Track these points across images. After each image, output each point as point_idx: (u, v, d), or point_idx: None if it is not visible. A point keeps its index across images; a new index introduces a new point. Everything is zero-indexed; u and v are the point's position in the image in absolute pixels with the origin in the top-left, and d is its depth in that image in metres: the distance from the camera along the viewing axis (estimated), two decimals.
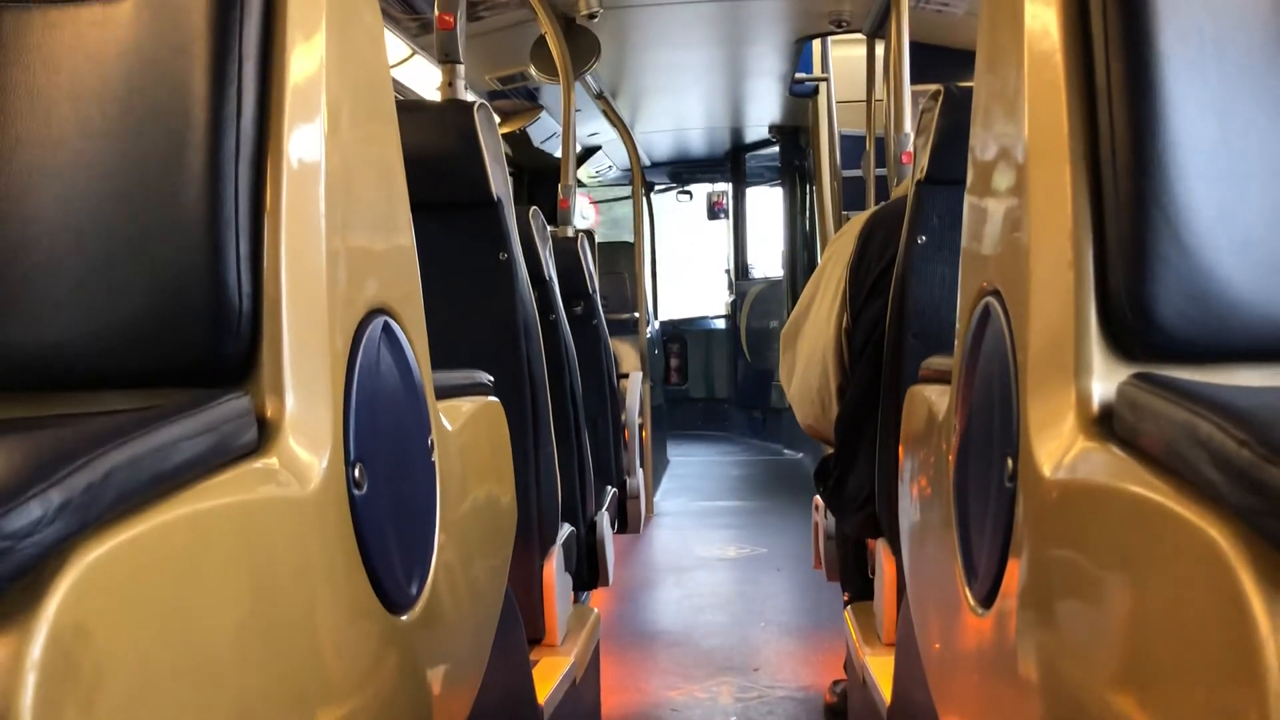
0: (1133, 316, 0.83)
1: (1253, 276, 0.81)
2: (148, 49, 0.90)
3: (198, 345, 0.88)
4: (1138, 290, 0.82)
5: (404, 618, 1.06)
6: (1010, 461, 0.94)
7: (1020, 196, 0.96)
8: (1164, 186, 0.82)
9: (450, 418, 1.27)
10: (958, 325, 1.17)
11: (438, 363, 1.24)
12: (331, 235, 0.96)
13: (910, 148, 2.62)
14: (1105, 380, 0.84)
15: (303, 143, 0.93)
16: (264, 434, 0.87)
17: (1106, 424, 0.83)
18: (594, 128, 6.06)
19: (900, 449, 1.53)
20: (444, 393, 1.29)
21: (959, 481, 1.13)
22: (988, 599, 1.00)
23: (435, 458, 1.17)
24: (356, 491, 0.95)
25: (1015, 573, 0.93)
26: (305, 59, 0.95)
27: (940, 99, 1.94)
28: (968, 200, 1.14)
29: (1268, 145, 0.83)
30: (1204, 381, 0.77)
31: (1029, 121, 0.94)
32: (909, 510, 1.45)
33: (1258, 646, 0.56)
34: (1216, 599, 0.60)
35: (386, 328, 1.07)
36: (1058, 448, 0.85)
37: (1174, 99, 0.83)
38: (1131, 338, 0.84)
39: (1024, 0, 0.95)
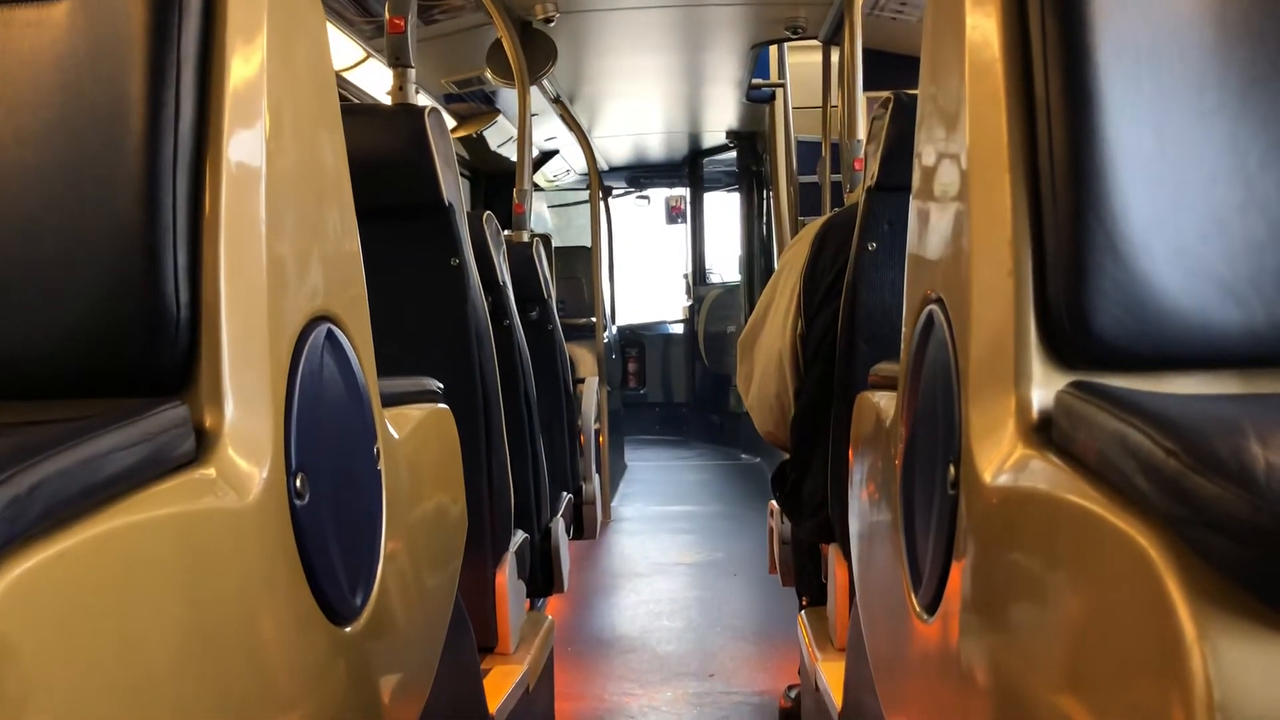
0: (1070, 325, 0.84)
1: (1186, 285, 0.82)
2: (84, 52, 0.88)
3: (134, 354, 0.86)
4: (1075, 299, 0.83)
5: (349, 629, 1.05)
6: (952, 468, 0.94)
7: (962, 205, 0.97)
8: (1101, 197, 0.83)
9: (397, 425, 1.26)
10: (903, 332, 1.18)
11: (388, 370, 1.23)
12: (273, 241, 0.95)
13: (862, 154, 2.64)
14: (1044, 388, 0.85)
15: (243, 148, 0.92)
16: (202, 444, 0.86)
17: (1045, 431, 0.84)
18: (551, 132, 6.05)
19: (850, 455, 1.54)
20: (391, 400, 1.28)
21: (905, 488, 1.14)
22: (932, 605, 1.01)
23: (381, 466, 1.16)
24: (298, 501, 0.94)
25: (958, 579, 0.94)
26: (246, 63, 0.93)
27: (890, 106, 1.95)
28: (913, 208, 1.15)
29: (1201, 156, 0.84)
30: (1137, 390, 0.78)
31: (970, 131, 0.95)
32: (858, 516, 1.46)
33: (1184, 651, 0.57)
34: (1146, 606, 0.61)
35: (330, 335, 1.05)
36: (998, 455, 0.86)
37: (1111, 110, 0.84)
38: (1069, 346, 0.85)
39: (965, 11, 0.96)
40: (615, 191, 8.41)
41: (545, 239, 4.42)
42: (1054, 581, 0.75)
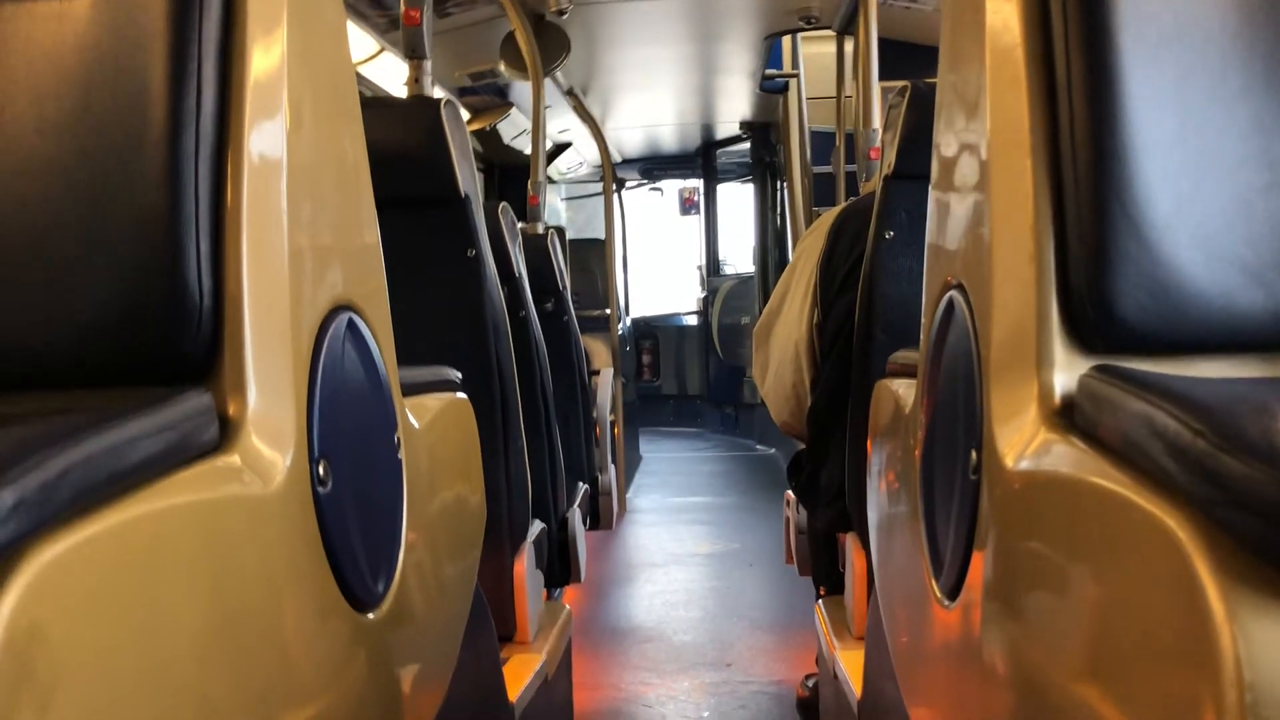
0: (1093, 309, 0.83)
1: (1209, 269, 0.82)
2: (105, 44, 0.89)
3: (158, 343, 0.87)
4: (1098, 283, 0.83)
5: (371, 616, 1.05)
6: (974, 454, 0.94)
7: (982, 192, 0.96)
8: (1123, 181, 0.83)
9: (417, 414, 1.26)
10: (923, 319, 1.17)
11: (406, 360, 1.23)
12: (294, 232, 0.95)
13: (878, 144, 2.64)
14: (1067, 372, 0.85)
15: (264, 139, 0.93)
16: (226, 432, 0.86)
17: (1068, 416, 0.83)
18: (565, 124, 6.05)
19: (868, 443, 1.54)
20: (411, 389, 1.29)
21: (925, 475, 1.14)
22: (953, 591, 1.01)
23: (402, 455, 1.16)
24: (320, 489, 0.95)
25: (980, 565, 0.94)
26: (266, 55, 0.94)
27: (907, 95, 1.95)
28: (932, 195, 1.15)
29: (1224, 140, 0.84)
30: (1161, 373, 0.78)
31: (990, 117, 0.95)
32: (877, 504, 1.46)
33: (1213, 634, 0.57)
34: (1174, 588, 0.60)
35: (351, 324, 1.06)
36: (1020, 440, 0.86)
37: (1133, 95, 0.84)
38: (1092, 330, 0.85)
39: None
40: (629, 183, 8.40)
41: (560, 231, 4.42)
42: (1079, 565, 0.75)
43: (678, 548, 4.72)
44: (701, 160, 8.12)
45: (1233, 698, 0.55)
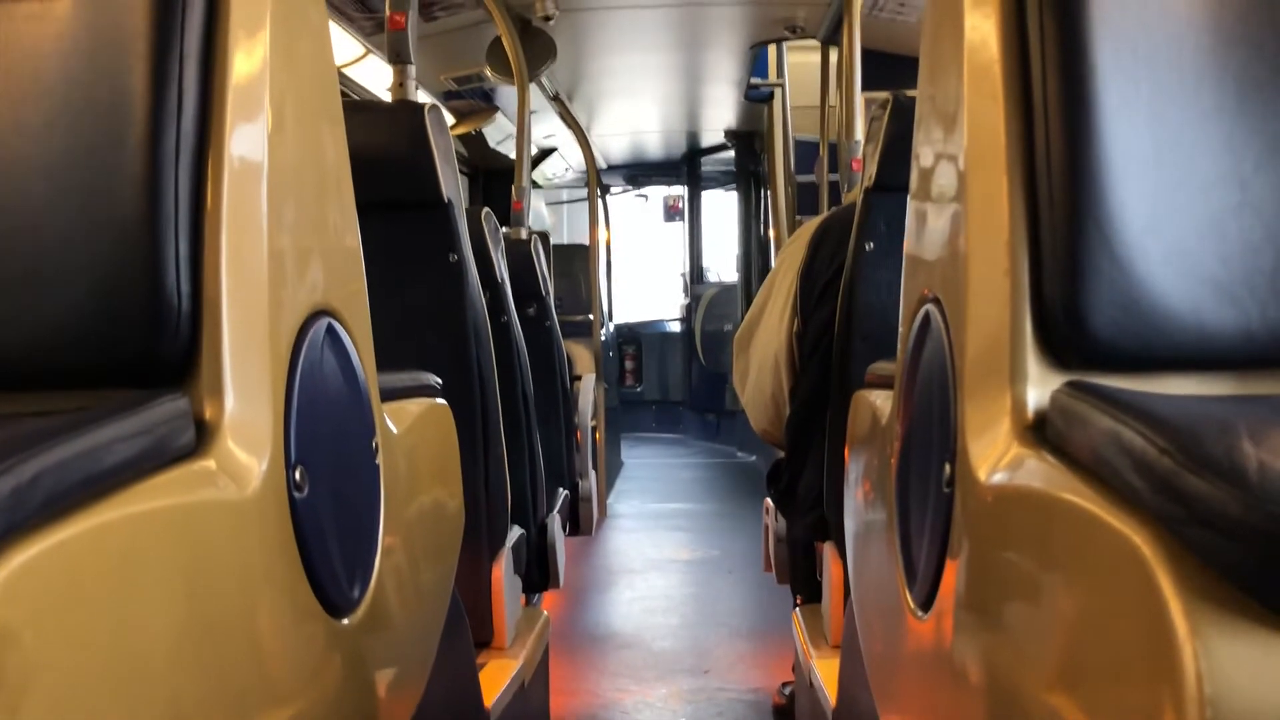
0: (1066, 325, 0.84)
1: (1181, 287, 0.83)
2: (86, 45, 0.88)
3: (136, 345, 0.87)
4: (1071, 299, 0.84)
5: (346, 621, 1.05)
6: (948, 466, 0.95)
7: (959, 205, 0.97)
8: (1097, 197, 0.84)
9: (396, 420, 1.26)
10: (900, 331, 1.18)
11: (386, 365, 1.23)
12: (274, 235, 0.95)
13: (860, 155, 2.65)
14: (1039, 387, 0.86)
15: (245, 142, 0.93)
16: (202, 436, 0.86)
17: (1040, 431, 0.84)
18: (550, 129, 6.06)
19: (846, 453, 1.55)
20: (390, 395, 1.29)
21: (900, 486, 1.14)
22: (926, 602, 1.02)
23: (379, 460, 1.16)
24: (297, 494, 0.95)
25: (953, 576, 0.94)
26: (248, 58, 0.94)
27: (889, 107, 1.96)
28: (910, 208, 1.16)
29: (1197, 158, 0.85)
30: (1132, 390, 0.78)
31: (968, 132, 0.96)
32: (853, 514, 1.47)
33: (1176, 647, 0.57)
34: (1139, 603, 0.61)
35: (330, 329, 1.06)
36: (993, 453, 0.87)
37: (1108, 112, 0.85)
38: (1065, 346, 0.86)
39: (964, 12, 0.96)
40: (613, 189, 8.41)
41: (543, 236, 4.43)
42: (1048, 579, 0.76)
43: (657, 554, 4.72)
44: (686, 168, 8.13)
45: (1194, 712, 0.56)
